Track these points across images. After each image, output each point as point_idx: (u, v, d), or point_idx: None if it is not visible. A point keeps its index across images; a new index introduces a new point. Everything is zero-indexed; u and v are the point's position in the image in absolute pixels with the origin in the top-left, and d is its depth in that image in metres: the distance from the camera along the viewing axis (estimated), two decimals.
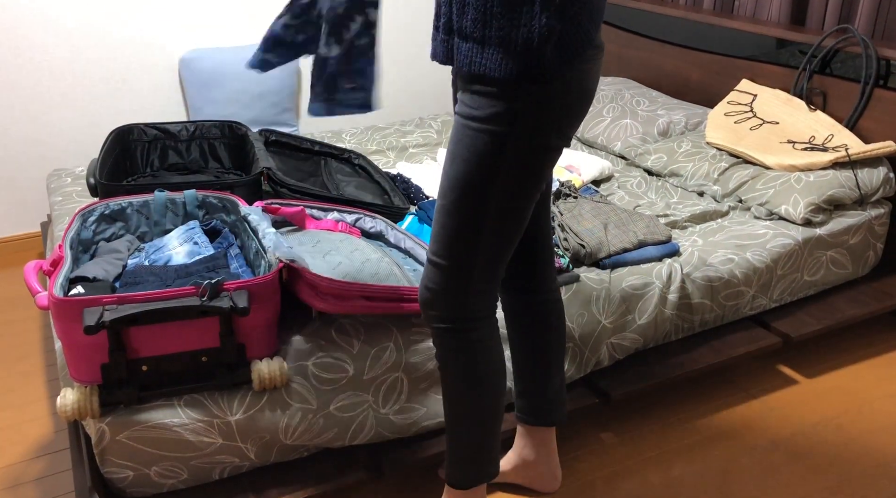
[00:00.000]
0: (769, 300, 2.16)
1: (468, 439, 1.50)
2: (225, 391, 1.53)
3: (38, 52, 2.73)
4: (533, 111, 1.28)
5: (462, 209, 1.34)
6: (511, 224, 1.37)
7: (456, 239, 1.36)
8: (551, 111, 1.29)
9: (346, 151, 2.53)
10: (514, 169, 1.32)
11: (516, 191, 1.34)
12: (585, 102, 1.34)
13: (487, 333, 1.45)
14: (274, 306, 1.53)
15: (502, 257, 1.41)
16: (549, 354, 1.64)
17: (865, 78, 2.43)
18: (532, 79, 1.25)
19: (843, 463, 1.89)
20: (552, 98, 1.28)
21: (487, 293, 1.43)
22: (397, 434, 1.69)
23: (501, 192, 1.33)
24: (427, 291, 1.42)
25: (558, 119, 1.31)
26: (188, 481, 1.55)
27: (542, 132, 1.30)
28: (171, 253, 1.74)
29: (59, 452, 1.91)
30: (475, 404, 1.47)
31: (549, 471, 1.75)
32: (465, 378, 1.45)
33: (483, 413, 1.48)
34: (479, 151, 1.31)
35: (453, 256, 1.37)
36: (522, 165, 1.32)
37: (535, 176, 1.34)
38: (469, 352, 1.44)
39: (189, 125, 2.36)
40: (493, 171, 1.31)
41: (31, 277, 1.50)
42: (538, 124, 1.29)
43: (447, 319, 1.42)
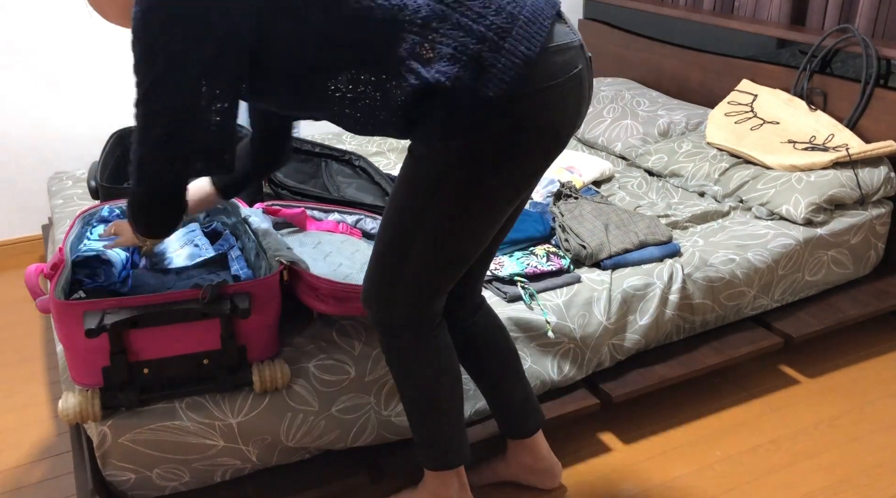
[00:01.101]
0: (770, 300, 2.16)
1: (420, 431, 1.53)
2: (226, 393, 1.53)
3: (37, 55, 2.73)
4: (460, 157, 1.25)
5: (394, 235, 1.36)
6: (441, 261, 1.36)
7: (386, 257, 1.38)
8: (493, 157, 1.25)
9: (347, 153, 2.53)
10: (448, 209, 1.30)
11: (450, 228, 1.32)
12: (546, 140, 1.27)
13: (424, 339, 1.45)
14: (275, 308, 1.53)
15: (430, 285, 1.39)
16: (494, 375, 1.63)
17: (866, 77, 2.43)
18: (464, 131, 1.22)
19: (845, 463, 1.89)
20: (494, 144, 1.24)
21: (417, 309, 1.42)
22: (399, 436, 1.69)
23: (432, 227, 1.32)
24: (363, 290, 1.45)
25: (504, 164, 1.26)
26: (190, 484, 1.55)
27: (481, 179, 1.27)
28: (171, 256, 1.74)
29: (61, 455, 1.91)
30: (413, 401, 1.50)
31: (547, 470, 1.76)
32: (402, 377, 1.49)
33: (428, 412, 1.50)
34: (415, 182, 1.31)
35: (382, 269, 1.40)
36: (456, 207, 1.29)
37: (472, 222, 1.32)
38: (402, 356, 1.46)
39: None
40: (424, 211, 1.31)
41: (33, 281, 1.50)
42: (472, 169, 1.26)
43: (377, 320, 1.45)
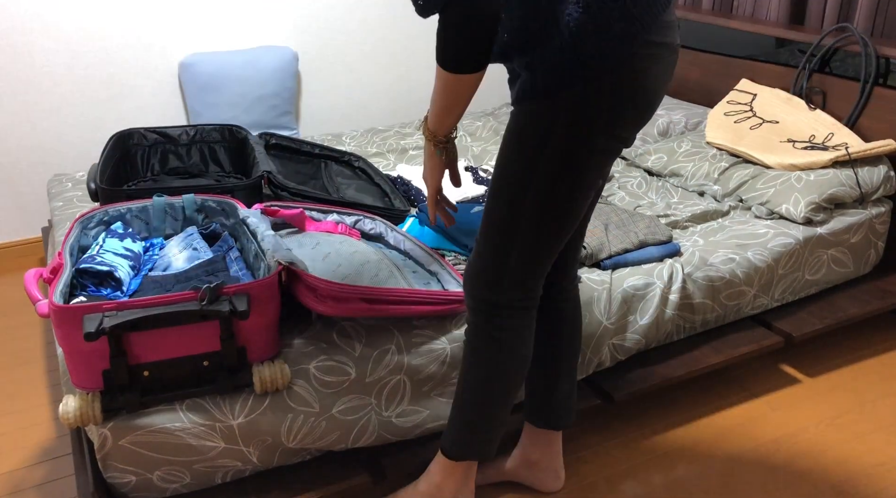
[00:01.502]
0: (770, 300, 2.16)
1: (468, 416, 1.53)
2: (227, 395, 1.53)
3: (38, 58, 2.73)
4: (573, 110, 1.27)
5: (502, 197, 1.37)
6: (551, 221, 1.36)
7: (495, 225, 1.39)
8: (594, 111, 1.27)
9: (347, 154, 2.53)
10: (555, 166, 1.31)
11: (557, 188, 1.33)
12: (641, 103, 1.30)
13: (518, 324, 1.46)
14: (274, 309, 1.53)
15: (541, 252, 1.40)
16: (558, 361, 1.64)
17: (865, 76, 2.43)
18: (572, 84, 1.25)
19: (846, 462, 1.89)
20: (595, 97, 1.26)
21: (524, 285, 1.43)
22: (400, 437, 1.69)
23: (541, 187, 1.33)
24: (468, 270, 1.46)
25: (604, 119, 1.28)
26: (191, 486, 1.55)
27: (584, 132, 1.29)
28: (170, 259, 1.74)
29: (62, 458, 1.91)
30: (485, 388, 1.50)
31: (553, 472, 1.75)
32: (484, 361, 1.48)
33: (490, 398, 1.51)
34: (522, 144, 1.32)
35: (490, 242, 1.41)
36: (564, 163, 1.31)
37: (577, 176, 1.32)
38: (495, 338, 1.46)
39: (189, 129, 2.36)
40: (534, 164, 1.32)
41: (32, 285, 1.50)
42: (579, 124, 1.28)
43: (480, 300, 1.45)
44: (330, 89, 3.28)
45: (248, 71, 2.93)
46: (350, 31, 3.23)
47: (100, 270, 1.59)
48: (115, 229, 1.78)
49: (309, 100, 3.25)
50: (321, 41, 3.19)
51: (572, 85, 1.25)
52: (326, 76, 3.25)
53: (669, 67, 1.33)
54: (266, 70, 2.96)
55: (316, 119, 3.30)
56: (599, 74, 1.25)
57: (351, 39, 3.24)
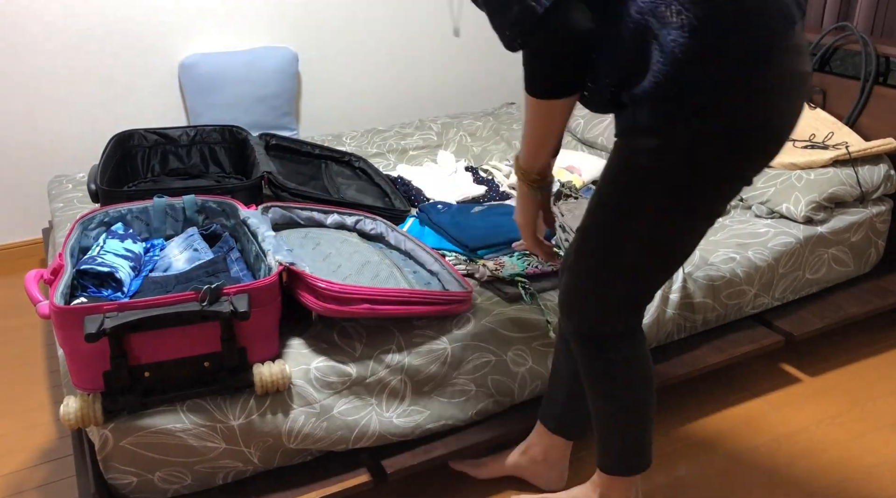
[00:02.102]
0: (771, 299, 2.16)
1: (615, 437, 1.52)
2: (227, 396, 1.53)
3: (38, 58, 2.73)
4: (683, 150, 1.17)
5: (602, 235, 1.31)
6: (655, 261, 1.31)
7: (593, 262, 1.34)
8: (707, 152, 1.17)
9: (347, 154, 2.53)
10: (662, 210, 1.24)
11: (662, 233, 1.27)
12: (767, 141, 1.19)
13: (625, 351, 1.43)
14: (275, 310, 1.53)
15: (644, 289, 1.36)
16: None
17: (865, 75, 2.43)
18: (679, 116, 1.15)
19: (847, 461, 1.89)
20: (709, 137, 1.16)
21: (625, 318, 1.40)
22: (401, 437, 1.69)
23: (645, 231, 1.27)
24: (567, 301, 1.43)
25: (720, 161, 1.18)
26: (192, 487, 1.55)
27: (695, 175, 1.20)
28: (171, 260, 1.74)
29: (63, 459, 1.91)
30: (614, 411, 1.49)
31: (557, 472, 1.76)
32: (601, 388, 1.47)
33: (624, 418, 1.49)
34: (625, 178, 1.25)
35: (590, 278, 1.37)
36: (671, 208, 1.24)
37: (686, 220, 1.25)
38: (603, 367, 1.44)
39: (189, 130, 2.36)
40: (639, 205, 1.25)
41: (32, 286, 1.50)
42: (691, 166, 1.19)
43: (581, 334, 1.43)
44: (330, 90, 3.28)
45: (249, 71, 2.93)
46: (350, 31, 3.23)
47: (100, 271, 1.59)
48: (116, 230, 1.78)
49: (309, 100, 3.25)
50: (321, 42, 3.19)
51: (683, 121, 1.15)
52: (326, 77, 3.25)
53: (800, 99, 1.19)
54: (266, 71, 2.96)
55: (316, 119, 3.30)
56: (714, 110, 1.13)
57: (351, 40, 3.24)
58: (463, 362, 1.71)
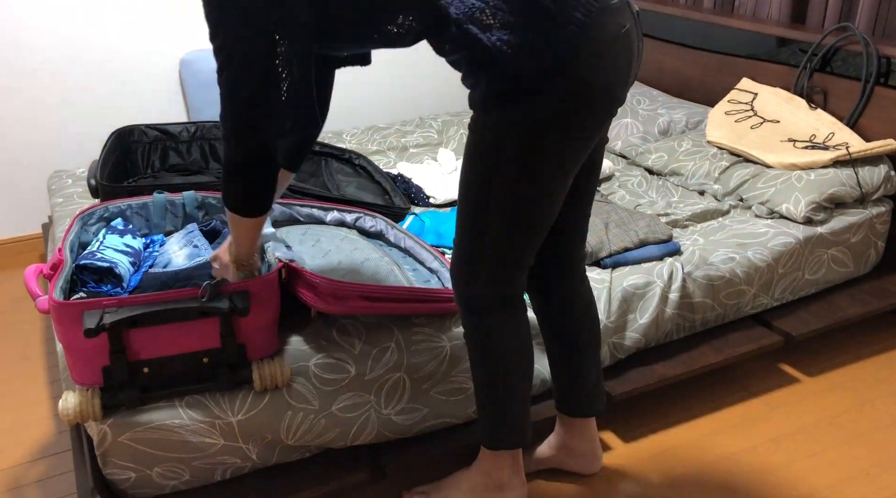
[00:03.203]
0: (770, 299, 2.16)
1: (487, 408, 1.56)
2: (226, 392, 1.53)
3: (38, 54, 2.73)
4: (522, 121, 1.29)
5: (469, 200, 1.40)
6: (516, 224, 1.39)
7: (465, 227, 1.43)
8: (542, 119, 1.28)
9: (347, 152, 2.53)
10: (511, 172, 1.33)
11: (517, 193, 1.35)
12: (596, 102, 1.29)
13: (502, 319, 1.49)
14: (274, 306, 1.53)
15: (513, 252, 1.42)
16: (580, 352, 1.66)
17: (866, 76, 2.43)
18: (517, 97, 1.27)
19: (845, 462, 1.89)
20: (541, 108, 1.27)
21: (500, 283, 1.46)
22: (399, 435, 1.69)
23: (502, 192, 1.35)
24: (451, 268, 1.50)
25: (555, 125, 1.29)
26: (190, 482, 1.55)
27: (535, 139, 1.30)
28: (170, 256, 1.74)
29: (61, 454, 1.91)
30: (489, 381, 1.54)
31: (591, 454, 1.78)
32: (479, 355, 1.53)
33: (496, 388, 1.53)
34: (478, 151, 1.35)
35: (464, 242, 1.44)
36: (519, 169, 1.33)
37: (535, 180, 1.34)
38: (482, 333, 1.50)
39: (190, 126, 2.36)
40: (491, 170, 1.34)
41: (32, 281, 1.50)
42: (529, 132, 1.29)
43: (462, 299, 1.50)
44: None
45: None
46: None
47: (100, 267, 1.59)
48: (116, 226, 1.78)
49: None
50: None
51: (516, 100, 1.27)
52: None
53: (621, 55, 1.30)
54: None
55: None
56: (542, 88, 1.25)
57: None
58: (461, 360, 1.71)
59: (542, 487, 1.79)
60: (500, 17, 1.23)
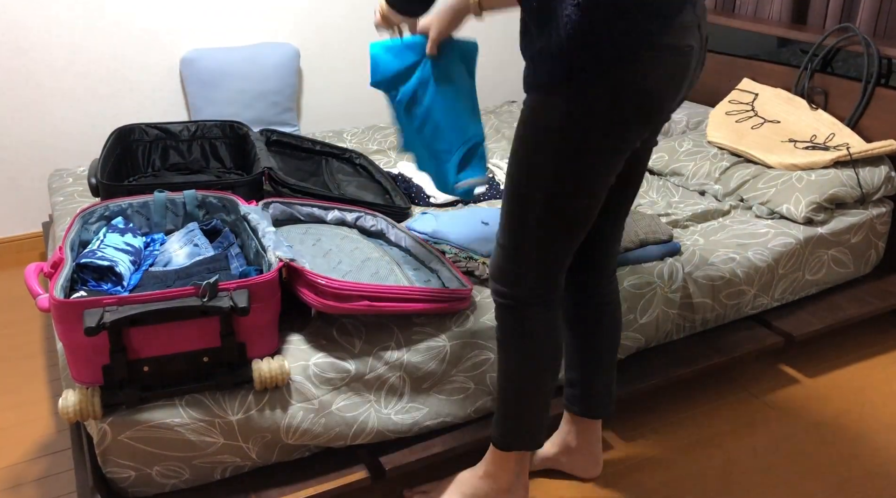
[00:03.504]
0: (771, 299, 2.16)
1: (508, 407, 1.56)
2: (226, 391, 1.53)
3: (39, 52, 2.73)
4: (569, 109, 1.27)
5: (512, 199, 1.40)
6: (558, 221, 1.39)
7: (508, 225, 1.43)
8: (589, 111, 1.27)
9: (347, 151, 2.53)
10: (554, 164, 1.33)
11: (559, 187, 1.35)
12: (643, 106, 1.29)
13: (541, 317, 1.49)
14: (274, 305, 1.53)
15: (553, 249, 1.43)
16: (598, 353, 1.67)
17: (867, 77, 2.43)
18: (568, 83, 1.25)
19: (846, 462, 1.89)
20: (591, 98, 1.26)
21: (541, 280, 1.46)
22: (399, 434, 1.69)
23: (544, 185, 1.35)
24: (491, 265, 1.50)
25: (601, 120, 1.28)
26: (190, 481, 1.55)
27: (580, 131, 1.29)
28: (171, 255, 1.74)
29: (61, 453, 1.91)
30: (518, 378, 1.53)
31: (591, 457, 1.78)
32: (513, 353, 1.52)
33: (525, 388, 1.53)
34: (524, 149, 1.35)
35: (507, 241, 1.45)
36: (563, 162, 1.32)
37: (578, 174, 1.33)
38: (519, 330, 1.50)
39: (190, 125, 2.36)
40: (535, 161, 1.34)
41: (32, 280, 1.50)
42: (575, 123, 1.28)
43: (502, 295, 1.49)
44: (331, 86, 3.28)
45: (250, 67, 2.93)
46: (351, 27, 3.22)
47: (100, 265, 1.59)
48: (116, 224, 1.78)
49: (310, 96, 3.25)
50: (323, 38, 3.19)
51: (569, 83, 1.26)
52: (328, 73, 3.25)
53: (678, 70, 1.29)
54: (267, 66, 2.96)
55: (317, 116, 3.29)
56: (594, 77, 1.24)
57: (352, 36, 3.24)
58: (462, 360, 1.71)
59: (542, 488, 1.79)
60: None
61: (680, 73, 1.30)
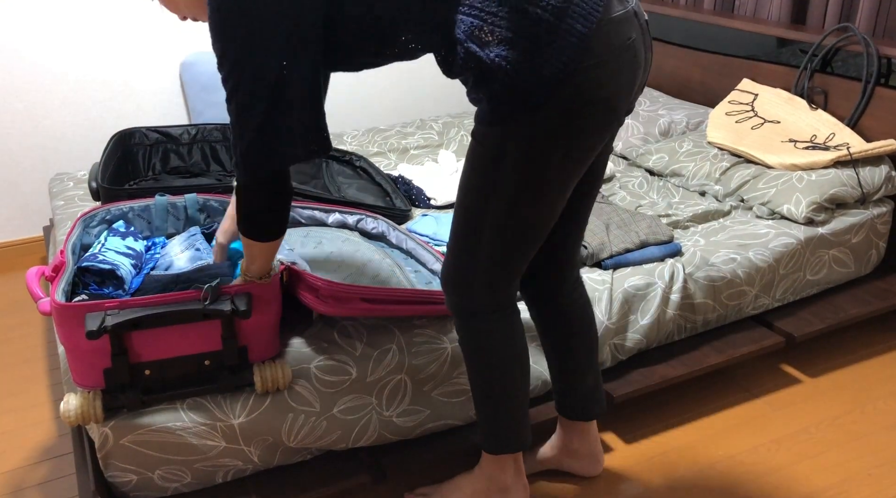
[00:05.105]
0: (772, 300, 2.16)
1: (485, 412, 1.55)
2: (228, 394, 1.53)
3: (39, 57, 2.73)
4: (524, 136, 1.27)
5: (465, 208, 1.39)
6: (512, 233, 1.38)
7: (460, 234, 1.42)
8: (544, 134, 1.27)
9: (348, 153, 2.53)
10: (511, 185, 1.32)
11: (515, 204, 1.34)
12: (601, 112, 1.28)
13: (495, 326, 1.48)
14: (275, 309, 1.54)
15: (507, 261, 1.42)
16: (576, 357, 1.66)
17: (866, 76, 2.43)
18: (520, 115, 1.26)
19: (847, 462, 1.89)
20: (543, 123, 1.26)
21: (493, 290, 1.45)
22: (400, 436, 1.69)
23: (500, 203, 1.35)
24: (442, 274, 1.49)
25: (557, 140, 1.28)
26: (192, 485, 1.55)
27: (536, 153, 1.29)
28: (172, 258, 1.74)
29: (63, 457, 1.91)
30: (486, 385, 1.53)
31: (592, 457, 1.79)
32: (475, 361, 1.52)
33: (492, 393, 1.53)
34: (479, 162, 1.34)
35: (456, 251, 1.44)
36: (519, 183, 1.32)
37: (535, 192, 1.33)
38: (476, 339, 1.49)
39: (190, 128, 2.36)
40: (491, 181, 1.34)
41: (34, 283, 1.50)
42: (531, 146, 1.28)
43: (455, 305, 1.49)
44: (331, 89, 3.28)
45: None
46: None
47: (102, 269, 1.59)
48: (118, 228, 1.79)
49: None
50: None
51: (518, 116, 1.26)
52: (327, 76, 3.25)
53: (625, 66, 1.27)
54: None
55: None
56: (542, 101, 1.24)
57: None
58: (463, 362, 1.71)
59: (543, 489, 1.79)
60: (498, 33, 1.21)
61: (628, 68, 1.28)
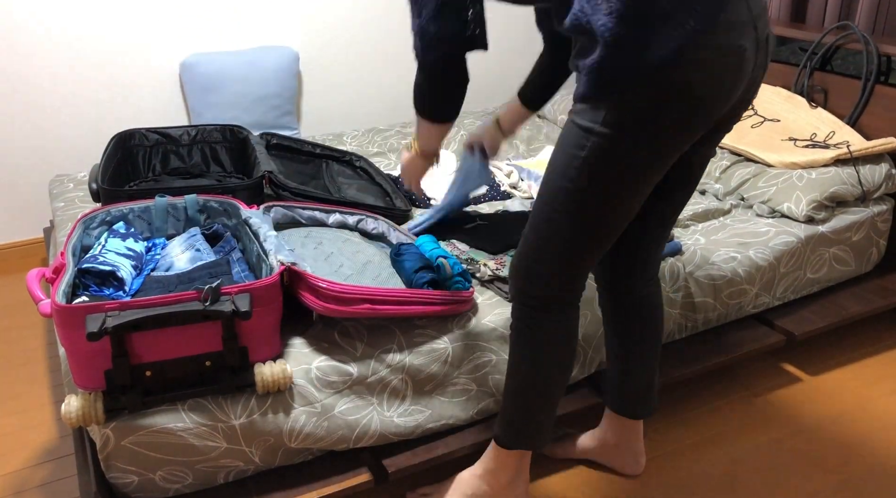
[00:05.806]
0: (772, 298, 2.16)
1: (517, 406, 1.56)
2: (228, 395, 1.53)
3: (38, 58, 2.73)
4: (610, 121, 1.25)
5: (543, 197, 1.39)
6: (585, 227, 1.37)
7: (535, 225, 1.42)
8: (636, 124, 1.24)
9: (348, 154, 2.53)
10: (586, 178, 1.31)
11: (589, 198, 1.33)
12: (690, 113, 1.24)
13: (558, 319, 1.49)
14: (276, 309, 1.53)
15: (579, 254, 1.41)
16: (641, 354, 1.67)
17: (866, 74, 2.43)
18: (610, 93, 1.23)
19: (848, 461, 1.89)
20: (637, 110, 1.23)
21: (563, 283, 1.45)
22: (402, 437, 1.69)
23: (574, 195, 1.33)
24: (512, 264, 1.50)
25: (646, 132, 1.25)
26: (193, 486, 1.55)
27: (625, 144, 1.26)
28: (172, 259, 1.74)
29: (64, 458, 1.91)
30: (528, 378, 1.53)
31: (632, 455, 1.79)
32: (524, 353, 1.52)
33: (534, 389, 1.53)
34: (566, 141, 1.33)
35: (532, 239, 1.43)
36: (595, 176, 1.30)
37: (610, 189, 1.31)
38: (533, 330, 1.50)
39: (190, 129, 2.36)
40: (569, 170, 1.32)
41: (34, 285, 1.50)
42: (620, 136, 1.26)
43: (519, 294, 1.49)
44: (331, 89, 3.28)
45: (249, 71, 2.93)
46: (351, 30, 3.23)
47: (102, 270, 1.59)
48: (118, 229, 1.79)
49: (310, 100, 3.25)
50: (322, 41, 3.19)
51: (611, 93, 1.23)
52: (327, 76, 3.25)
53: (727, 73, 1.23)
54: (267, 70, 2.96)
55: (317, 119, 3.30)
56: (636, 84, 1.21)
57: (352, 39, 3.24)
58: (464, 362, 1.71)
59: (543, 489, 1.79)
60: (614, 3, 1.18)
61: (730, 77, 1.24)
